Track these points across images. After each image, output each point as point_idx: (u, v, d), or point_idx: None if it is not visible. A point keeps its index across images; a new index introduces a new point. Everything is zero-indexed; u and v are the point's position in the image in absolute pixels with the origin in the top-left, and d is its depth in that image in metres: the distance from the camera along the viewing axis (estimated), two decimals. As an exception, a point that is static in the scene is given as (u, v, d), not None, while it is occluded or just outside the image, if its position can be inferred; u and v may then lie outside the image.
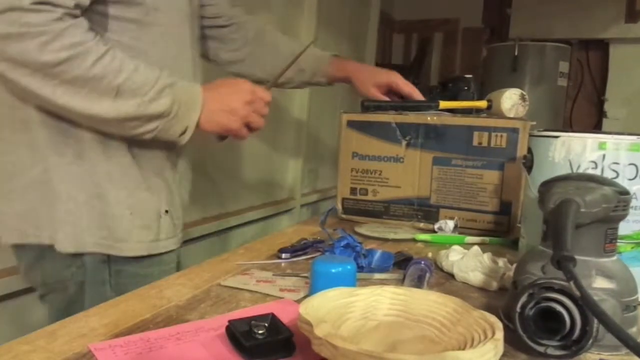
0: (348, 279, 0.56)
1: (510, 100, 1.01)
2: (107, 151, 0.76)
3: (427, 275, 0.66)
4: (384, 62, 3.49)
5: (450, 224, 0.96)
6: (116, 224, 0.77)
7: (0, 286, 1.05)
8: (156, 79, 0.71)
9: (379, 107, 1.04)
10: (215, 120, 0.78)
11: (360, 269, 0.70)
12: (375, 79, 1.10)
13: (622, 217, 0.53)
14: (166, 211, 0.83)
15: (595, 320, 0.43)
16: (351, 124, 1.07)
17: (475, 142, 0.97)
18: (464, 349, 0.43)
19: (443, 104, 1.04)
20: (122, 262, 0.79)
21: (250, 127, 0.83)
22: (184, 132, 0.76)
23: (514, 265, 0.62)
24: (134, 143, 0.78)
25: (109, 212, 0.76)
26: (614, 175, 0.65)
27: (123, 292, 0.62)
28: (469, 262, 0.70)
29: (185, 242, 1.44)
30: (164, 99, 0.72)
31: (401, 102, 1.07)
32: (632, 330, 0.52)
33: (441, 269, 0.75)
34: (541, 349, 0.46)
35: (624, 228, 0.62)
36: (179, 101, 0.73)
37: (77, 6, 0.65)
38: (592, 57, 3.17)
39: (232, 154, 1.74)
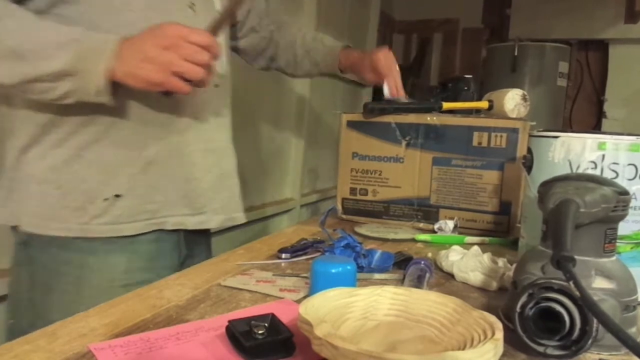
0: (348, 279, 0.56)
1: (512, 100, 1.01)
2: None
3: (427, 275, 0.66)
4: (383, 62, 3.48)
5: (450, 224, 0.96)
6: (41, 201, 0.73)
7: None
8: (59, 34, 0.66)
9: (382, 110, 1.04)
10: (133, 73, 0.68)
11: (360, 269, 0.70)
12: (371, 64, 1.08)
13: (621, 217, 0.53)
14: (116, 195, 0.75)
15: (595, 320, 0.43)
16: (351, 124, 1.07)
17: (475, 142, 0.97)
18: (463, 349, 0.43)
19: (446, 106, 1.04)
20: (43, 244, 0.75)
21: (187, 79, 0.70)
22: (98, 91, 0.68)
23: (514, 265, 0.62)
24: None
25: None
26: (614, 175, 0.65)
27: (42, 280, 0.61)
28: (469, 262, 0.70)
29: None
30: (63, 55, 0.65)
31: (404, 105, 1.07)
32: (632, 330, 0.52)
33: (441, 269, 0.75)
34: (541, 348, 0.46)
35: (624, 228, 0.62)
36: (83, 56, 0.66)
37: None
38: (592, 57, 3.18)
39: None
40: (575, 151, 0.67)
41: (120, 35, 0.69)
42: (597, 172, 0.66)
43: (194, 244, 0.87)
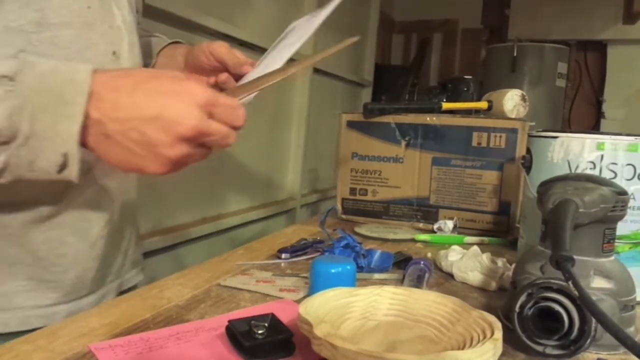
0: (348, 279, 0.56)
1: (512, 101, 1.01)
2: None
3: (427, 275, 0.67)
4: (383, 62, 3.49)
5: (450, 224, 0.96)
6: None
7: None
8: None
9: (382, 110, 1.04)
10: (121, 156, 0.45)
11: (360, 269, 0.70)
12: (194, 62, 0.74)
13: (620, 217, 0.53)
14: None
15: (594, 320, 0.44)
16: (351, 124, 1.07)
17: (474, 143, 0.97)
18: (463, 349, 0.43)
19: (446, 106, 1.05)
20: None
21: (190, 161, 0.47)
22: (63, 163, 0.43)
23: (513, 265, 0.62)
24: None
25: None
26: (612, 175, 0.66)
27: None
28: (468, 262, 0.70)
29: (185, 242, 1.45)
30: None
31: (405, 105, 1.07)
32: (630, 330, 0.52)
33: (440, 269, 0.75)
34: (540, 348, 0.46)
35: (622, 228, 0.62)
36: (31, 105, 0.41)
37: None
38: (591, 58, 3.18)
39: (231, 155, 1.74)
40: (574, 151, 0.68)
41: (85, 65, 0.44)
42: (596, 173, 0.66)
43: None
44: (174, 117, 0.43)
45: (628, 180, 0.65)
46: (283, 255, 0.77)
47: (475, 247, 0.75)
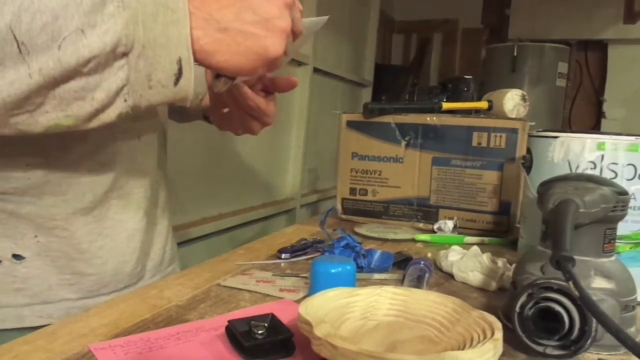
0: (348, 279, 0.56)
1: (512, 101, 1.01)
2: None
3: (427, 275, 0.66)
4: (383, 62, 3.49)
5: (450, 224, 0.96)
6: None
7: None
8: None
9: (382, 110, 1.04)
10: (243, 45, 0.45)
11: (360, 269, 0.70)
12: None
13: (620, 218, 0.53)
14: None
15: (594, 320, 0.44)
16: (351, 124, 1.07)
17: (474, 143, 0.97)
18: (463, 349, 0.43)
19: (446, 106, 1.04)
20: None
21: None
22: (179, 71, 0.44)
23: (513, 266, 0.62)
24: None
25: None
26: (613, 175, 0.65)
27: None
28: (468, 262, 0.70)
29: (185, 242, 1.45)
30: (110, 20, 0.40)
31: (405, 105, 1.07)
32: (631, 330, 0.52)
33: (440, 269, 0.75)
34: (540, 348, 0.46)
35: (623, 228, 0.62)
36: (141, 15, 0.41)
37: None
38: (591, 57, 3.18)
39: (232, 155, 1.74)
40: (574, 151, 0.67)
41: None
42: (597, 172, 0.66)
43: None
44: None
45: (629, 180, 0.65)
46: (283, 255, 0.77)
47: (476, 247, 0.74)
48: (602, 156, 0.66)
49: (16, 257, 0.56)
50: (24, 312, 0.58)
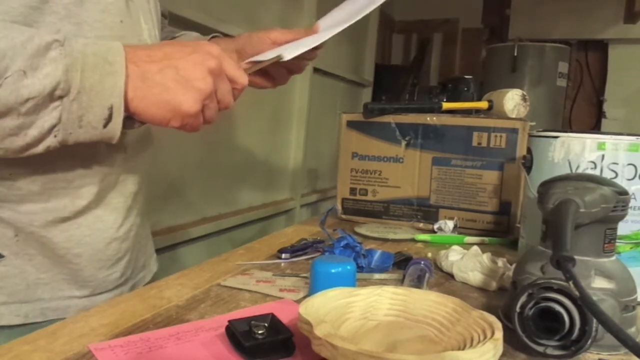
0: (348, 279, 0.56)
1: (512, 101, 1.01)
2: None
3: (427, 275, 0.66)
4: (383, 62, 3.49)
5: (450, 224, 0.96)
6: None
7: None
8: (31, 37, 0.44)
9: (382, 110, 1.04)
10: (159, 97, 0.49)
11: (360, 269, 0.70)
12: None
13: (621, 217, 0.53)
14: None
15: (594, 320, 0.43)
16: (351, 124, 1.07)
17: (474, 143, 0.97)
18: (463, 349, 0.43)
19: (446, 106, 1.04)
20: None
21: (205, 115, 0.54)
22: (109, 117, 0.48)
23: (513, 265, 0.62)
24: None
25: None
26: (613, 175, 0.65)
27: None
28: (469, 262, 0.70)
29: (185, 242, 1.45)
30: (51, 65, 0.44)
31: (405, 105, 1.07)
32: (631, 330, 0.52)
33: (441, 269, 0.75)
34: (540, 348, 0.46)
35: (623, 228, 0.62)
36: (81, 64, 0.46)
37: None
38: (591, 57, 3.18)
39: (231, 154, 1.74)
40: (574, 151, 0.67)
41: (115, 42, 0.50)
42: (597, 172, 0.66)
43: None
44: (203, 52, 0.52)
45: (629, 180, 0.65)
46: (283, 255, 0.77)
47: (476, 247, 0.74)
48: (603, 156, 0.66)
49: None
50: (0, 310, 0.57)
